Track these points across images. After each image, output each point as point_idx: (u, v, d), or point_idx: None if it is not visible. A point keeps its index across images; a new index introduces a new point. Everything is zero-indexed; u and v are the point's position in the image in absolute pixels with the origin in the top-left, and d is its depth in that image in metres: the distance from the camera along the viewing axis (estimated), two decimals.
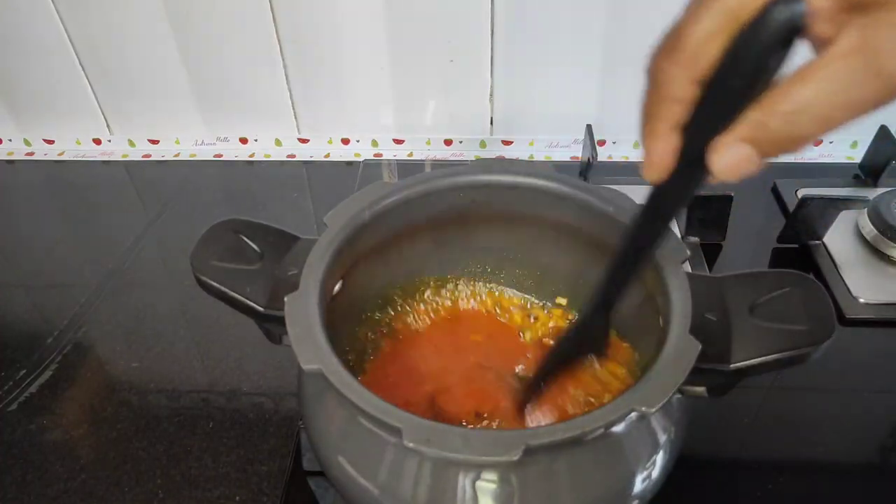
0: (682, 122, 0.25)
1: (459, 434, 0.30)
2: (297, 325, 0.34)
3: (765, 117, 0.23)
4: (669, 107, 0.25)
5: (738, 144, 0.24)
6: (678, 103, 0.25)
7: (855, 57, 0.22)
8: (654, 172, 0.27)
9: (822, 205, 0.61)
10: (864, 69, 0.22)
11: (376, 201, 0.42)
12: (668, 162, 0.26)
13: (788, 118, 0.23)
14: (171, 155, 0.83)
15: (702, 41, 0.23)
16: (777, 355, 0.35)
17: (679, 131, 0.26)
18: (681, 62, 0.24)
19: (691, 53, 0.24)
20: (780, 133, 0.23)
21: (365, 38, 0.72)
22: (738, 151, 0.24)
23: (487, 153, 0.81)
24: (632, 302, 0.43)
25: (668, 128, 0.26)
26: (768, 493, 0.46)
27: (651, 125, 0.26)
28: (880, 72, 0.22)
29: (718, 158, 0.24)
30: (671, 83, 0.25)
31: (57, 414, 0.53)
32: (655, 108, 0.26)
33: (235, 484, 0.48)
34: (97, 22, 0.73)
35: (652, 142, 0.26)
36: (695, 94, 0.24)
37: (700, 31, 0.23)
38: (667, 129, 0.26)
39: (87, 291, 0.64)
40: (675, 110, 0.25)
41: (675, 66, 0.24)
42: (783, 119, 0.23)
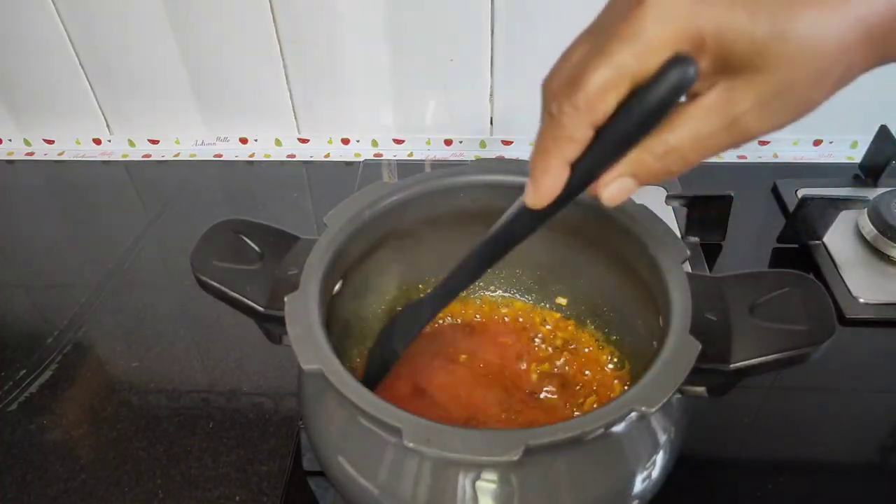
0: (574, 160, 0.28)
1: (459, 434, 0.30)
2: (297, 325, 0.34)
3: (644, 156, 0.27)
4: (566, 145, 0.28)
5: (622, 179, 0.28)
6: (574, 143, 0.28)
7: (715, 112, 0.26)
8: (539, 201, 0.30)
9: (822, 205, 0.61)
10: (721, 123, 0.26)
11: (376, 201, 0.42)
12: (554, 193, 0.29)
13: (661, 158, 0.27)
14: (171, 155, 0.83)
15: (601, 91, 0.26)
16: (777, 355, 0.35)
17: (569, 167, 0.28)
18: (580, 107, 0.26)
19: (591, 101, 0.26)
20: (655, 169, 0.27)
21: (365, 38, 0.72)
22: (622, 184, 0.28)
23: (487, 153, 0.81)
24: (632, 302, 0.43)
25: (561, 164, 0.28)
26: (768, 493, 0.46)
27: (545, 160, 0.29)
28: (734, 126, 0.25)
29: (606, 191, 0.28)
30: (570, 125, 0.27)
31: (57, 414, 0.53)
32: (551, 145, 0.28)
33: (235, 484, 0.48)
34: (97, 22, 0.73)
35: (543, 176, 0.29)
36: (590, 136, 0.27)
37: (599, 80, 0.26)
38: (559, 165, 0.28)
39: (87, 291, 0.64)
40: (570, 149, 0.28)
41: (574, 109, 0.26)
42: (657, 158, 0.27)
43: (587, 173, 0.28)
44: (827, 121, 0.77)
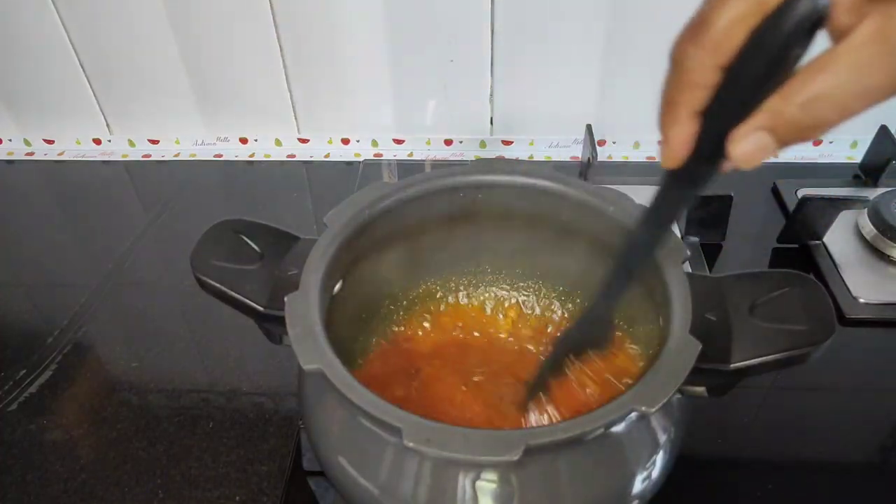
0: (703, 108, 0.25)
1: (459, 434, 0.30)
2: (298, 324, 0.34)
3: (783, 106, 0.23)
4: (692, 92, 0.25)
5: (756, 133, 0.24)
6: (700, 89, 0.25)
7: (872, 45, 0.22)
8: (673, 158, 0.27)
9: (822, 205, 0.61)
10: (880, 56, 0.22)
11: (376, 201, 0.42)
12: (686, 148, 0.27)
13: (806, 107, 0.23)
14: (171, 155, 0.83)
15: (727, 27, 0.23)
16: (777, 355, 0.35)
17: (698, 117, 0.26)
18: (705, 46, 0.24)
19: (716, 39, 0.24)
20: (797, 121, 0.23)
21: (365, 38, 0.72)
22: (757, 140, 0.24)
23: (487, 153, 0.81)
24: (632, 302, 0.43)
25: (689, 113, 0.26)
26: (768, 493, 0.46)
27: (671, 110, 0.26)
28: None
29: (738, 146, 0.25)
30: (695, 68, 0.25)
31: (57, 414, 0.53)
32: (677, 93, 0.26)
33: (235, 484, 0.48)
34: (97, 22, 0.73)
35: (671, 127, 0.26)
36: (717, 79, 0.25)
37: (725, 16, 0.23)
38: (687, 115, 0.26)
39: (87, 291, 0.64)
40: (696, 96, 0.25)
41: (699, 50, 0.24)
42: (801, 108, 0.23)
43: (719, 126, 0.25)
44: None
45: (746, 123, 0.24)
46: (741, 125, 0.24)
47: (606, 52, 0.71)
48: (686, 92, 0.25)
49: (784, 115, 0.24)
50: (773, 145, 0.24)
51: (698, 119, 0.26)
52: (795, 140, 0.24)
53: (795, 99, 0.23)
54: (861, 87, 0.22)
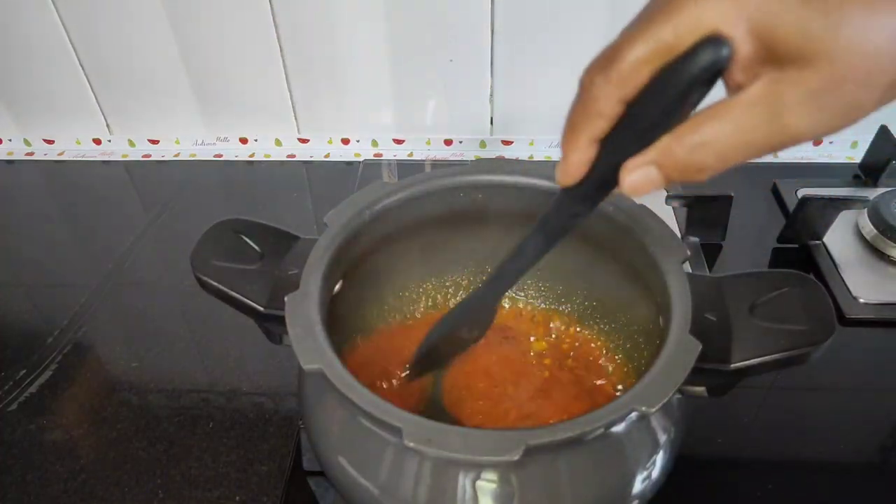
0: (602, 136, 0.27)
1: (460, 434, 0.30)
2: (298, 324, 0.34)
3: (673, 146, 0.25)
4: (594, 121, 0.27)
5: (647, 167, 0.26)
6: (603, 119, 0.27)
7: (759, 105, 0.24)
8: (567, 178, 0.29)
9: (822, 205, 0.61)
10: (762, 116, 0.24)
11: (376, 201, 0.42)
12: (581, 171, 0.28)
13: (692, 150, 0.25)
14: (171, 155, 0.83)
15: (634, 65, 0.25)
16: (777, 355, 0.35)
17: (597, 144, 0.28)
18: (612, 80, 0.26)
19: (623, 74, 0.25)
20: (683, 162, 0.25)
21: (365, 38, 0.72)
22: (646, 173, 0.26)
23: (487, 153, 0.81)
24: (632, 302, 0.43)
25: (589, 140, 0.27)
26: (768, 493, 0.46)
27: (573, 135, 0.28)
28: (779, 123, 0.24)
29: (628, 177, 0.27)
30: (600, 99, 0.26)
31: (57, 414, 0.53)
32: (581, 120, 0.27)
33: (235, 484, 0.48)
34: (97, 22, 0.73)
35: (571, 151, 0.28)
36: (619, 112, 0.26)
37: (634, 54, 0.25)
38: (587, 142, 0.27)
39: (87, 291, 0.64)
40: (598, 125, 0.27)
41: (606, 82, 0.26)
42: (687, 150, 0.25)
43: (615, 155, 0.27)
44: None
45: (638, 156, 0.26)
46: (634, 157, 0.26)
47: None
48: (589, 120, 0.27)
49: (672, 154, 0.25)
50: (659, 180, 0.26)
51: (596, 146, 0.28)
52: (680, 178, 0.26)
53: (684, 141, 0.25)
54: (741, 142, 0.24)
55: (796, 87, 0.23)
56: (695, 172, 0.26)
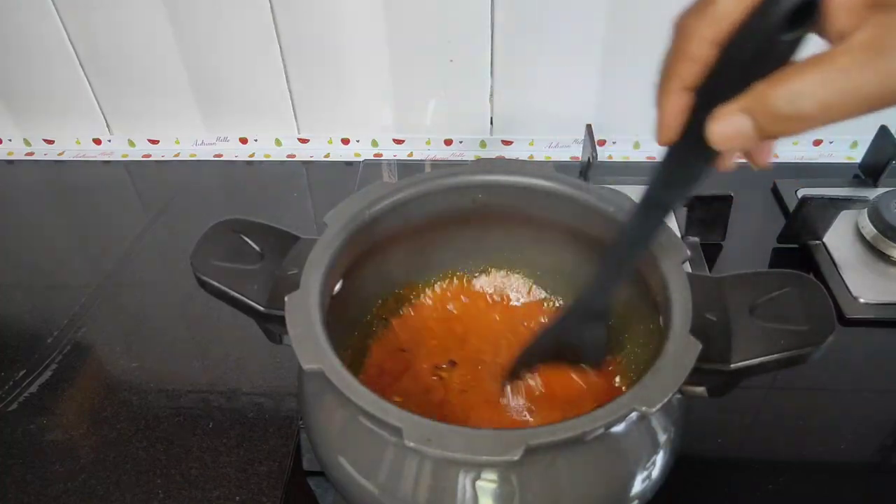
0: (696, 83, 0.26)
1: (460, 434, 0.30)
2: (298, 324, 0.34)
3: (768, 91, 0.23)
4: (687, 64, 0.25)
5: (737, 115, 0.24)
6: (696, 62, 0.25)
7: (866, 52, 0.22)
8: (665, 133, 0.27)
9: (822, 205, 0.61)
10: (873, 65, 0.22)
11: (376, 201, 0.42)
12: (677, 121, 0.27)
13: (791, 97, 0.23)
14: (171, 155, 0.83)
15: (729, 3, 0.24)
16: (777, 355, 0.35)
17: (690, 94, 0.26)
18: (705, 19, 0.24)
19: (717, 13, 0.24)
20: (779, 110, 0.23)
21: (365, 38, 0.72)
22: (737, 122, 0.24)
23: (487, 153, 0.81)
24: (632, 302, 0.43)
25: (682, 86, 0.26)
26: (768, 493, 0.46)
27: (666, 82, 0.26)
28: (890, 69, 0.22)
29: (717, 125, 0.25)
30: (692, 40, 0.25)
31: (57, 414, 0.53)
32: (673, 65, 0.26)
33: (235, 484, 0.48)
34: (97, 22, 0.73)
35: (664, 99, 0.27)
36: (712, 55, 0.25)
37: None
38: (680, 88, 0.26)
39: (87, 291, 0.64)
40: (691, 69, 0.25)
41: (698, 22, 0.25)
42: (785, 97, 0.23)
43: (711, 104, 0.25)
44: None
45: (730, 103, 0.24)
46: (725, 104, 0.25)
47: (606, 52, 0.71)
48: (682, 64, 0.25)
49: (767, 101, 0.23)
50: (751, 132, 0.24)
51: (690, 95, 0.26)
52: (774, 131, 0.24)
53: (781, 88, 0.23)
54: (848, 92, 0.22)
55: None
56: (790, 124, 0.24)
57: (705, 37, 0.25)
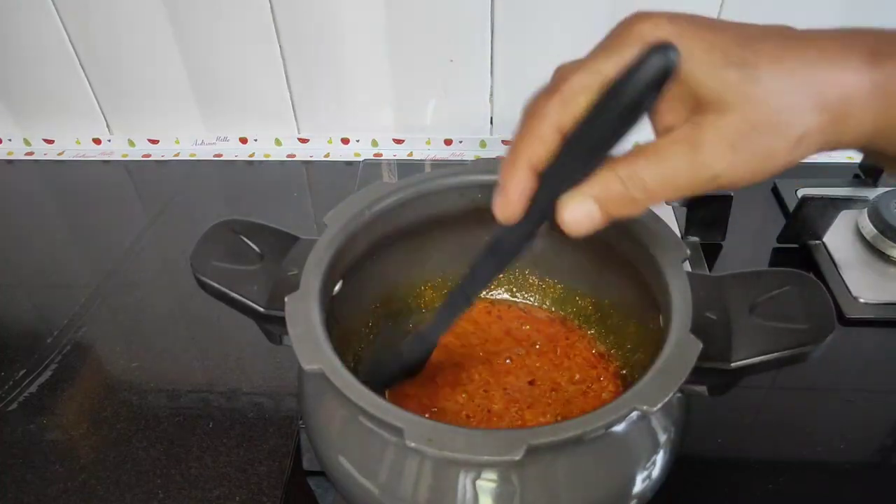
0: (541, 165, 0.28)
1: (461, 434, 0.30)
2: (298, 325, 0.34)
3: (608, 177, 0.27)
4: (535, 145, 0.27)
5: (586, 201, 0.27)
6: (542, 144, 0.27)
7: (681, 144, 0.26)
8: (507, 212, 0.29)
9: (822, 205, 0.61)
10: (686, 156, 0.26)
11: (376, 201, 0.42)
12: (521, 200, 0.29)
13: (624, 181, 0.26)
14: (171, 155, 0.83)
15: (576, 90, 0.27)
16: (777, 354, 0.35)
17: (536, 175, 0.28)
18: (554, 104, 0.27)
19: (565, 99, 0.27)
20: (617, 192, 0.27)
21: (365, 38, 0.72)
22: (585, 208, 0.27)
23: (487, 153, 0.81)
24: (632, 301, 0.43)
25: (528, 167, 0.28)
26: (768, 493, 0.46)
27: (512, 162, 0.28)
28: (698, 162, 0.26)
29: (567, 211, 0.27)
30: (540, 123, 0.27)
31: (57, 414, 0.53)
32: (522, 145, 0.28)
33: (235, 484, 0.48)
34: (97, 22, 0.73)
35: (511, 178, 0.28)
36: (557, 139, 0.27)
37: (578, 82, 0.27)
38: (526, 168, 0.28)
39: (87, 291, 0.64)
40: (538, 151, 0.27)
41: (548, 106, 0.27)
42: (621, 181, 0.26)
43: (556, 186, 0.28)
44: None
45: (576, 190, 0.27)
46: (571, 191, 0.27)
47: None
48: (530, 144, 0.27)
49: (608, 184, 0.27)
50: (598, 215, 0.27)
51: (535, 177, 0.28)
52: (617, 211, 0.27)
53: (619, 173, 0.26)
54: (666, 177, 0.26)
55: (714, 129, 0.26)
56: (628, 205, 0.27)
57: (554, 121, 0.27)
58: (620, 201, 0.27)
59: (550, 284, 0.50)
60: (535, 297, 0.51)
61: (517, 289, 0.51)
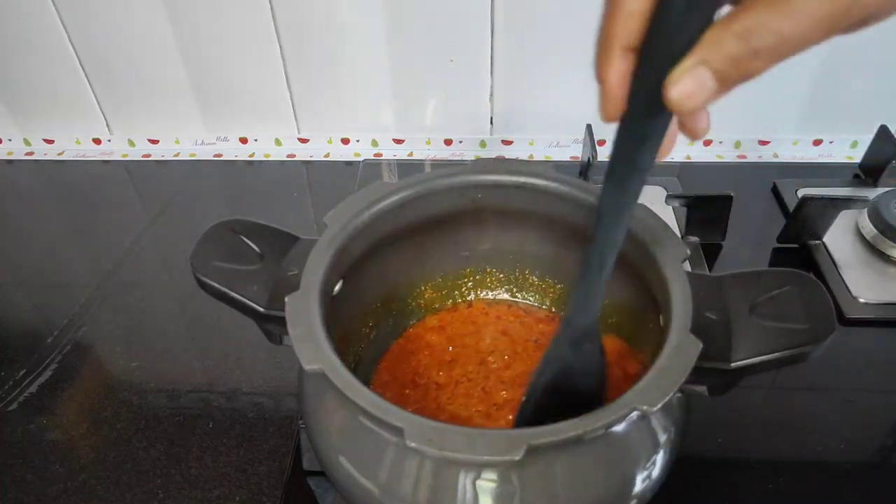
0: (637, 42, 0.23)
1: (461, 434, 0.30)
2: (298, 325, 0.34)
3: (723, 34, 0.22)
4: (624, 22, 0.23)
5: (695, 68, 0.22)
6: (633, 18, 0.23)
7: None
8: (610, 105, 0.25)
9: (822, 205, 0.61)
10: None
11: (376, 201, 0.42)
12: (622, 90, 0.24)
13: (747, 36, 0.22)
14: (171, 155, 0.83)
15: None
16: (777, 354, 0.35)
17: (633, 54, 0.24)
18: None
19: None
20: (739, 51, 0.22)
21: (365, 37, 0.72)
22: (696, 75, 0.22)
23: (487, 153, 0.81)
24: (632, 301, 0.43)
25: (622, 47, 0.24)
26: (768, 493, 0.46)
27: (605, 47, 0.24)
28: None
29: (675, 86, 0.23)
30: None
31: (57, 414, 0.53)
32: (610, 26, 0.24)
33: (235, 484, 0.48)
34: (97, 22, 0.73)
35: (606, 65, 0.24)
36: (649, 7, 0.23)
37: None
38: (621, 50, 0.24)
39: (87, 291, 0.64)
40: (629, 26, 0.23)
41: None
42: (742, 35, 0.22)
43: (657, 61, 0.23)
44: (827, 121, 0.77)
45: (684, 59, 0.22)
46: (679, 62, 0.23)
47: None
48: (618, 22, 0.23)
49: (724, 44, 0.22)
50: (712, 83, 0.22)
51: (632, 57, 0.24)
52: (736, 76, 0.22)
53: (735, 26, 0.22)
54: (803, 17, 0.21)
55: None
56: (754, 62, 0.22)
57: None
58: (741, 59, 0.22)
59: (550, 284, 0.50)
60: (535, 297, 0.51)
61: (517, 289, 0.51)
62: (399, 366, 0.47)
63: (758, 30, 0.21)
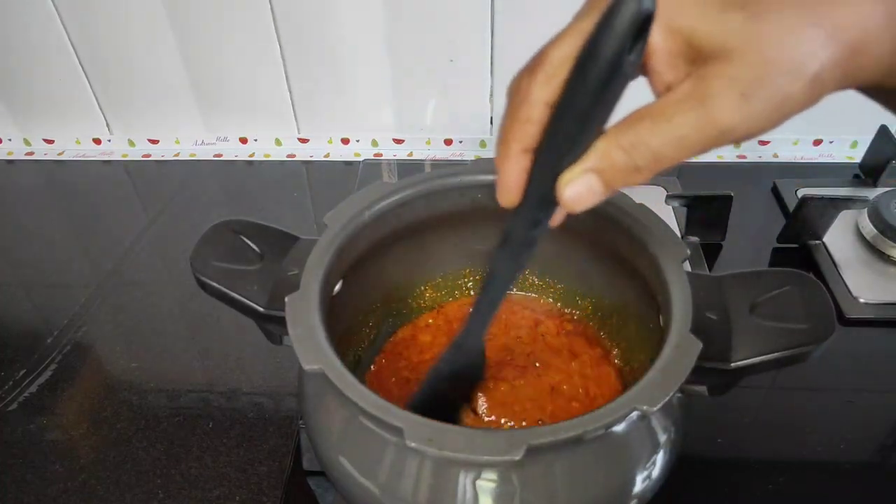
0: (534, 145, 0.26)
1: (461, 434, 0.30)
2: (298, 325, 0.34)
3: (610, 147, 0.25)
4: (523, 127, 0.26)
5: (586, 175, 0.25)
6: (531, 124, 0.26)
7: (688, 101, 0.24)
8: (507, 195, 0.28)
9: (822, 205, 0.61)
10: (694, 113, 0.24)
11: (376, 201, 0.42)
12: (518, 184, 0.27)
13: (629, 149, 0.24)
14: (171, 155, 0.83)
15: (557, 62, 0.25)
16: (777, 354, 0.35)
17: (530, 154, 0.26)
18: (537, 81, 0.25)
19: (547, 73, 0.25)
20: (622, 163, 0.25)
21: (365, 38, 0.72)
22: (586, 182, 0.25)
23: (487, 153, 0.81)
24: (632, 301, 0.43)
25: (520, 149, 0.26)
26: (768, 493, 0.46)
27: (505, 146, 0.27)
28: (709, 117, 0.23)
29: (567, 189, 0.26)
30: (526, 102, 0.26)
31: (57, 414, 0.53)
32: (510, 128, 0.27)
33: (235, 484, 0.48)
34: (97, 22, 0.73)
35: (504, 162, 0.27)
36: (546, 115, 0.25)
37: (558, 53, 0.25)
38: (518, 151, 0.27)
39: (87, 291, 0.64)
40: (527, 131, 0.26)
41: (531, 84, 0.25)
42: (625, 149, 0.24)
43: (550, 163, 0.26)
44: (827, 121, 0.77)
45: (576, 165, 0.25)
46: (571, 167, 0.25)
47: None
48: (519, 126, 0.26)
49: (609, 156, 0.25)
50: (600, 188, 0.25)
51: (529, 157, 0.27)
52: (620, 182, 0.25)
53: (620, 141, 0.24)
54: (674, 138, 0.24)
55: (720, 80, 0.23)
56: (633, 175, 0.25)
57: (538, 98, 0.25)
58: (623, 171, 0.25)
59: (551, 285, 0.50)
60: (535, 297, 0.51)
61: (517, 288, 0.51)
62: (399, 365, 0.47)
63: (639, 147, 0.24)
